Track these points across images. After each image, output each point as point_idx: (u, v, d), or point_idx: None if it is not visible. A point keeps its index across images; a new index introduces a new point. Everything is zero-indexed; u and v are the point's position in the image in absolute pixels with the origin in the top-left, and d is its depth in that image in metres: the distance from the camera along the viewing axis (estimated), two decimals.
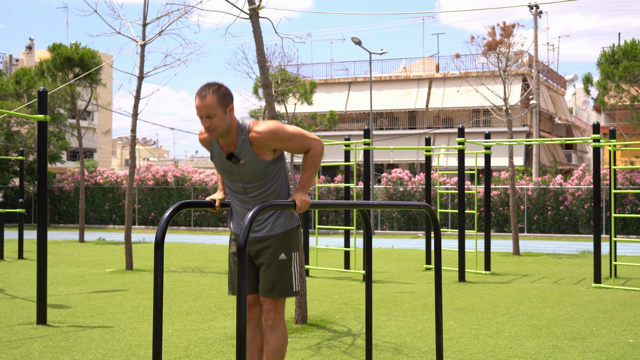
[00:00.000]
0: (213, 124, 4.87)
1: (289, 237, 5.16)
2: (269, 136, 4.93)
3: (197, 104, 4.87)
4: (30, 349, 7.42)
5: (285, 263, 5.13)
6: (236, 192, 5.14)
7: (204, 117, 4.88)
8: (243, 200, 5.14)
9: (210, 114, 4.85)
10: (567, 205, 30.31)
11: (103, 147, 72.32)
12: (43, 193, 9.19)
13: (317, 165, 5.03)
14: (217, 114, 4.87)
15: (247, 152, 4.96)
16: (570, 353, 7.26)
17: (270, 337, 5.17)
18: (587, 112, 75.18)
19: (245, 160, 4.96)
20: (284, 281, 5.14)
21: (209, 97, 4.85)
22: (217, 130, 4.90)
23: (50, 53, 27.16)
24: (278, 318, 5.19)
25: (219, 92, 4.88)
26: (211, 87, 4.89)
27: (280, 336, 5.18)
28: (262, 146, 4.96)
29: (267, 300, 5.17)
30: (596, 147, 12.96)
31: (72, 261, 17.40)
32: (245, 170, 5.00)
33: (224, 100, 4.89)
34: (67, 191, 38.46)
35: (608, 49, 30.54)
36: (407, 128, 56.88)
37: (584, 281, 13.55)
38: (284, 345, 5.20)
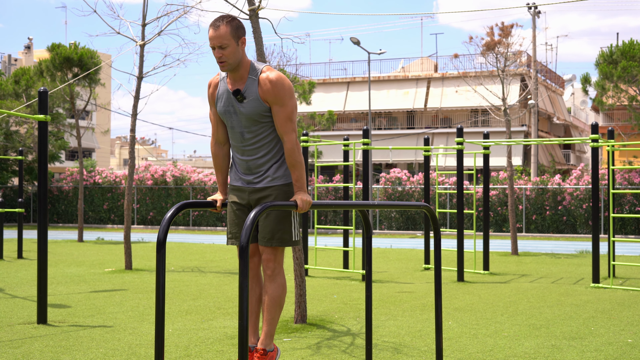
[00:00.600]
0: (225, 54, 4.94)
1: (289, 188, 5.21)
2: (273, 85, 5.02)
3: (211, 34, 4.94)
4: (31, 348, 7.45)
5: (284, 212, 5.16)
6: (236, 139, 5.19)
7: (216, 48, 4.94)
8: (241, 149, 5.18)
9: (223, 44, 4.92)
10: (566, 205, 30.36)
11: (101, 147, 72.34)
12: (43, 193, 9.22)
13: (299, 162, 5.08)
14: (230, 45, 4.94)
15: (253, 92, 5.02)
16: (569, 353, 7.29)
17: (269, 286, 5.19)
18: (585, 112, 75.26)
19: (249, 99, 5.02)
20: (283, 230, 5.16)
21: (222, 28, 4.92)
22: (229, 62, 4.97)
23: (49, 53, 27.18)
24: (277, 268, 5.21)
25: (233, 24, 4.95)
26: (225, 19, 4.96)
27: (280, 286, 5.21)
28: (267, 92, 5.02)
29: (266, 249, 5.18)
30: (595, 147, 12.99)
31: (71, 261, 17.43)
32: (245, 110, 5.05)
33: (236, 32, 4.96)
34: (65, 191, 38.48)
35: (606, 49, 30.60)
36: (406, 128, 56.94)
37: (582, 281, 13.59)
38: (283, 295, 5.23)
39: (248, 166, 5.21)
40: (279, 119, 5.08)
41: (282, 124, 5.09)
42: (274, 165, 5.17)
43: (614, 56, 29.97)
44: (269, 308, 5.24)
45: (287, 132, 5.09)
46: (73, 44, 27.12)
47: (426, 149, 16.44)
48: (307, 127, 37.40)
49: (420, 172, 37.19)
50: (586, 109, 74.08)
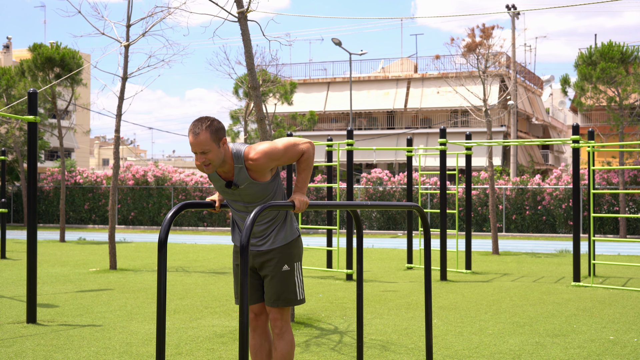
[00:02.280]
0: (208, 158, 5.00)
1: (290, 249, 5.33)
2: (264, 160, 5.06)
3: (191, 140, 4.98)
4: (23, 347, 7.52)
5: (288, 274, 5.30)
6: (238, 210, 5.30)
7: (198, 153, 5.00)
8: (243, 217, 5.29)
9: (204, 150, 4.97)
10: (545, 205, 30.64)
11: (81, 147, 72.06)
12: (33, 193, 9.28)
13: (310, 167, 5.20)
14: (212, 150, 4.99)
15: (245, 179, 5.10)
16: (552, 349, 7.45)
17: (278, 344, 5.34)
18: (563, 113, 75.79)
19: (244, 185, 5.11)
20: (288, 291, 5.31)
21: (202, 135, 4.96)
22: (213, 164, 5.03)
23: (30, 53, 27.12)
24: (285, 326, 5.36)
25: (212, 128, 4.99)
26: (203, 124, 4.99)
27: (288, 343, 5.36)
28: (260, 171, 5.10)
29: (273, 310, 5.34)
30: (575, 147, 13.18)
31: (54, 261, 17.44)
32: (245, 193, 5.16)
33: (217, 135, 5.00)
34: (46, 191, 38.36)
35: (585, 51, 30.87)
36: (386, 128, 57.12)
37: (563, 280, 13.78)
38: (291, 351, 5.38)
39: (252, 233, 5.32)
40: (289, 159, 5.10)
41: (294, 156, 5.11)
42: (275, 229, 5.29)
43: (592, 57, 30.24)
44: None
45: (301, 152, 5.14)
46: (55, 44, 27.08)
47: (409, 149, 16.59)
48: (289, 127, 37.50)
49: (401, 172, 37.37)
50: (564, 110, 74.61)
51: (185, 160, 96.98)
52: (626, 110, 29.88)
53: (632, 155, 37.64)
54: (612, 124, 29.92)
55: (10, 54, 65.68)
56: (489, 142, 16.30)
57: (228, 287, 12.55)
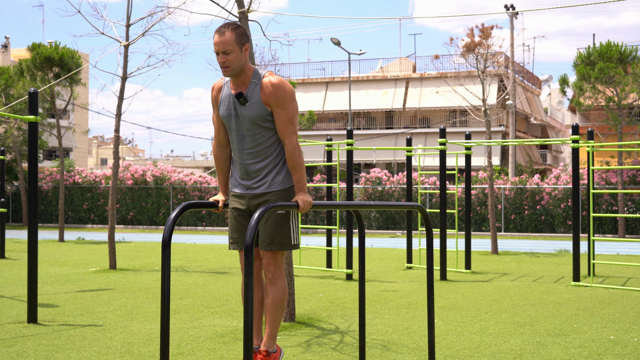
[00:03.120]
0: (229, 60, 5.09)
1: (287, 193, 5.34)
2: (275, 89, 5.18)
3: (216, 39, 5.09)
4: (24, 347, 7.52)
5: (283, 217, 5.29)
6: (236, 142, 5.33)
7: (220, 53, 5.08)
8: (241, 153, 5.31)
9: (227, 50, 5.07)
10: (544, 205, 30.67)
11: (79, 147, 72.06)
12: (34, 193, 9.28)
13: (300, 164, 5.23)
14: (234, 51, 5.09)
15: (255, 96, 5.17)
16: (553, 349, 7.46)
17: (270, 289, 5.33)
18: (562, 112, 75.85)
19: (252, 102, 5.16)
20: (282, 234, 5.30)
21: (227, 34, 5.08)
22: (232, 67, 5.11)
23: (29, 52, 27.12)
24: (278, 271, 5.35)
25: (237, 31, 5.11)
26: (230, 25, 5.13)
27: (280, 289, 5.35)
28: (269, 96, 5.17)
29: (266, 253, 5.32)
30: (575, 147, 13.20)
31: (54, 260, 17.44)
32: (247, 113, 5.20)
33: (240, 39, 5.12)
34: (45, 191, 38.36)
35: (584, 51, 30.91)
36: (384, 128, 57.16)
37: (562, 279, 13.80)
38: (284, 297, 5.37)
39: (247, 171, 5.34)
40: (281, 121, 5.22)
41: (284, 127, 5.23)
42: (273, 171, 5.29)
43: (591, 57, 30.27)
44: (271, 310, 5.38)
45: (288, 135, 5.23)
46: (53, 43, 27.07)
47: (409, 149, 16.60)
48: None
49: (400, 171, 37.38)
50: (563, 109, 74.67)
51: (184, 160, 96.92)
52: (625, 110, 29.94)
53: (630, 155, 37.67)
54: (611, 123, 29.97)
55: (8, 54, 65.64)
56: (489, 142, 16.31)
57: (228, 286, 12.55)
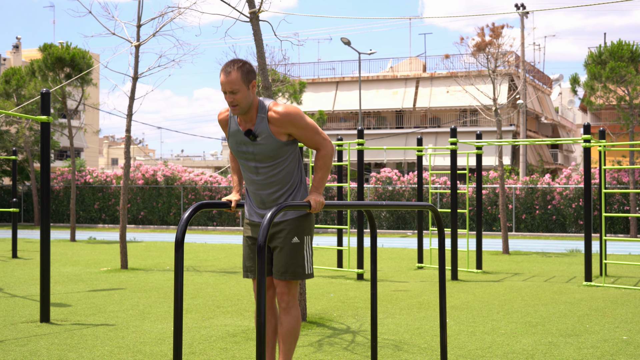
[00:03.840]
0: (236, 99, 5.07)
1: (301, 222, 5.32)
2: (286, 118, 5.12)
3: (222, 79, 5.06)
4: (37, 346, 7.55)
5: (297, 246, 5.29)
6: (249, 172, 5.31)
7: (228, 92, 5.06)
8: (255, 182, 5.30)
9: (234, 89, 5.04)
10: (555, 205, 30.60)
11: (90, 147, 72.26)
12: (46, 193, 9.31)
13: (328, 166, 5.22)
14: (241, 90, 5.06)
15: (265, 130, 5.14)
16: (566, 349, 7.45)
17: (284, 319, 5.32)
18: (572, 112, 75.65)
19: (262, 137, 5.15)
20: (296, 264, 5.29)
21: (233, 74, 5.04)
22: (240, 106, 5.09)
23: (40, 53, 27.22)
24: (291, 300, 5.34)
25: (243, 69, 5.08)
26: (236, 64, 5.09)
27: (294, 318, 5.34)
28: (279, 126, 5.14)
29: (280, 283, 5.32)
30: (587, 147, 13.17)
31: (66, 260, 17.50)
32: (260, 149, 5.18)
33: (247, 77, 5.09)
34: (56, 190, 38.47)
35: (595, 50, 30.81)
36: (395, 127, 57.12)
37: (574, 279, 13.77)
38: (297, 327, 5.36)
39: (262, 200, 5.33)
40: (307, 138, 5.19)
41: (312, 141, 5.20)
42: (288, 200, 5.29)
43: (602, 57, 30.18)
44: (285, 340, 5.37)
45: (320, 143, 5.20)
46: (64, 43, 27.15)
47: (419, 148, 16.59)
48: None
49: (410, 171, 37.36)
50: (573, 109, 74.47)
51: (194, 160, 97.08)
52: (636, 109, 29.81)
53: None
54: (622, 123, 29.86)
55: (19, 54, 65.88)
56: (500, 142, 16.28)
57: (239, 286, 12.57)
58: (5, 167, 40.23)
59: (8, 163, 39.31)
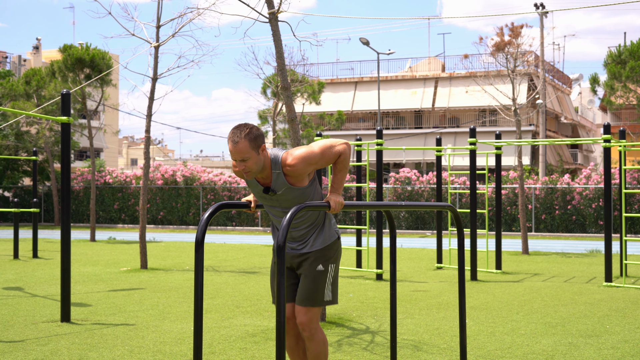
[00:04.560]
0: (248, 166, 5.03)
1: (327, 250, 5.35)
2: (301, 165, 5.09)
3: (231, 148, 5.02)
4: (58, 345, 7.60)
5: (321, 274, 5.32)
6: (276, 215, 5.32)
7: (238, 161, 5.03)
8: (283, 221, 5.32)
9: (244, 157, 5.01)
10: (575, 205, 30.45)
11: (109, 147, 72.58)
12: (66, 193, 9.37)
13: (347, 167, 5.21)
14: (251, 157, 5.02)
15: (283, 184, 5.12)
16: (586, 350, 7.42)
17: (309, 346, 5.34)
18: (592, 112, 75.27)
19: (282, 191, 5.14)
20: (317, 291, 5.31)
21: (241, 143, 4.99)
22: (252, 171, 5.07)
23: (60, 54, 27.37)
24: (313, 328, 5.33)
25: (250, 136, 5.02)
26: (242, 132, 5.01)
27: (320, 343, 5.35)
28: (297, 176, 5.12)
29: (300, 311, 5.32)
30: (607, 147, 13.10)
31: (86, 260, 17.59)
32: (283, 199, 5.19)
33: (255, 143, 5.03)
34: (76, 191, 38.66)
35: (614, 49, 30.67)
36: (413, 127, 57.03)
37: (594, 280, 13.70)
38: (324, 349, 5.38)
39: (291, 236, 5.36)
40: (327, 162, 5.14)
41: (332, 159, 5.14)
42: (315, 234, 5.32)
43: (622, 56, 30.05)
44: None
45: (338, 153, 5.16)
46: (84, 44, 27.29)
47: (439, 149, 16.56)
48: (317, 127, 37.55)
49: (429, 171, 37.28)
50: (593, 108, 74.09)
51: (213, 160, 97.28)
52: None
53: None
54: None
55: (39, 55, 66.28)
56: (519, 142, 16.23)
57: (259, 286, 12.60)
58: (25, 167, 40.50)
59: (29, 163, 39.56)
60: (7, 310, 9.94)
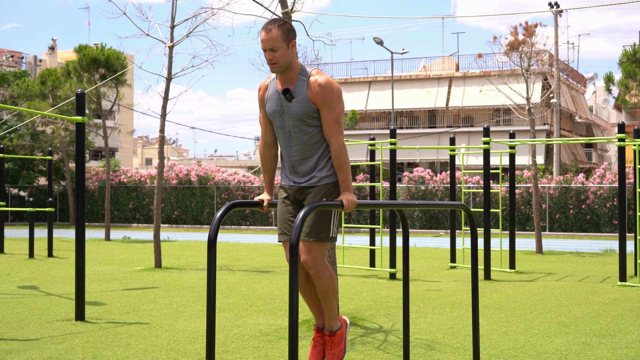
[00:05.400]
0: (276, 56, 5.12)
1: (332, 188, 5.37)
2: (322, 88, 5.18)
3: (262, 37, 5.10)
4: (72, 344, 7.64)
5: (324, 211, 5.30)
6: (283, 139, 5.38)
7: (267, 50, 5.10)
8: (289, 149, 5.36)
9: (274, 46, 5.09)
10: (589, 204, 30.35)
11: (124, 147, 72.82)
12: (81, 193, 9.42)
13: (346, 163, 5.24)
14: (281, 48, 5.11)
15: (302, 93, 5.19)
16: (600, 349, 7.40)
17: (317, 283, 5.33)
18: (607, 111, 74.98)
19: (298, 99, 5.19)
20: (320, 225, 5.30)
21: (274, 31, 5.09)
22: (279, 64, 5.14)
23: (76, 54, 27.49)
24: (319, 265, 5.33)
25: (284, 28, 5.12)
26: (276, 22, 5.14)
27: (326, 280, 5.35)
28: (315, 95, 5.18)
29: (304, 247, 5.30)
30: (621, 146, 13.06)
31: (100, 259, 17.67)
32: (293, 110, 5.22)
33: (287, 35, 5.13)
34: (91, 190, 38.82)
35: (629, 48, 30.55)
36: (427, 127, 56.98)
37: (608, 279, 13.66)
38: (332, 284, 5.38)
39: (294, 165, 5.38)
40: (327, 121, 5.24)
41: (330, 126, 5.25)
42: (318, 166, 5.32)
43: (637, 55, 29.93)
44: (323, 299, 5.43)
45: (334, 134, 5.25)
46: (99, 44, 27.40)
47: (452, 148, 16.55)
48: None
49: (443, 171, 37.23)
50: (608, 107, 73.81)
51: (227, 160, 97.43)
52: None
53: None
54: None
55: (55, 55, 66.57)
56: (533, 141, 16.19)
57: (272, 285, 12.62)
58: (41, 167, 40.71)
59: (44, 163, 39.77)
60: (22, 308, 10.00)
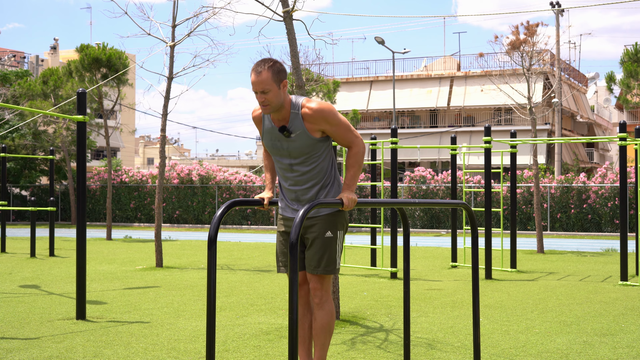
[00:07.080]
0: (267, 99, 5.10)
1: (335, 217, 5.36)
2: (319, 115, 5.15)
3: (253, 79, 5.10)
4: (73, 342, 7.65)
5: (330, 240, 5.31)
6: (284, 170, 5.36)
7: (258, 92, 5.10)
8: (289, 179, 5.34)
9: (265, 89, 5.08)
10: (591, 204, 30.34)
11: (126, 146, 72.84)
12: (82, 192, 9.42)
13: (360, 164, 5.24)
14: (272, 90, 5.10)
15: (299, 127, 5.17)
16: (601, 349, 7.40)
17: (318, 314, 5.34)
18: (608, 110, 74.93)
19: (296, 134, 5.18)
20: (329, 259, 5.32)
21: (264, 73, 5.08)
22: (271, 105, 5.13)
23: (77, 54, 27.50)
24: (324, 295, 5.36)
25: (274, 68, 5.12)
26: (266, 64, 5.12)
27: (328, 313, 5.36)
28: (313, 123, 5.18)
29: (313, 277, 5.34)
30: (622, 145, 13.06)
31: (102, 258, 17.67)
32: (294, 145, 5.21)
33: (278, 77, 5.12)
34: (92, 190, 38.84)
35: (631, 47, 30.53)
36: (429, 126, 56.96)
37: (610, 279, 13.66)
38: (331, 321, 5.38)
39: (297, 196, 5.36)
40: (339, 136, 5.23)
41: (344, 137, 5.24)
42: (322, 195, 5.32)
43: (638, 54, 29.91)
44: (319, 334, 5.41)
45: (352, 140, 5.24)
46: (101, 44, 27.40)
47: (453, 147, 16.54)
48: None
49: (444, 170, 37.23)
50: (609, 107, 73.75)
51: (229, 159, 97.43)
52: None
53: None
54: None
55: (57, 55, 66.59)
56: (534, 140, 16.18)
57: (273, 284, 12.62)
58: (43, 166, 40.74)
59: (46, 163, 39.78)
60: (23, 307, 10.01)
